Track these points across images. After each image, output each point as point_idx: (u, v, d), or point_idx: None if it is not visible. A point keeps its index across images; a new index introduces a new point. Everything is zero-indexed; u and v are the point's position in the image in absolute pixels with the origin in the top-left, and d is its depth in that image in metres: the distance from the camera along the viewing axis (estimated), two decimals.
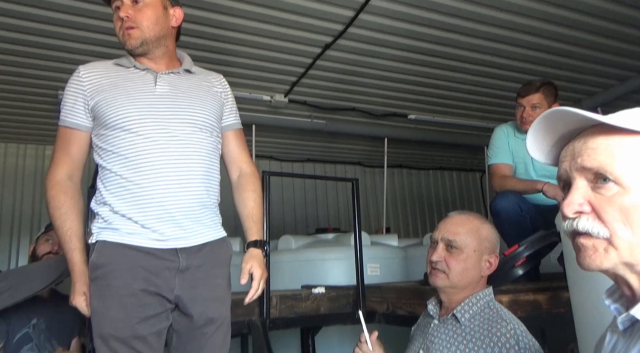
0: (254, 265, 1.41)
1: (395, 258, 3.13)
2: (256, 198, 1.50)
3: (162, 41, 1.39)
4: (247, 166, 1.54)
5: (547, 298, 1.73)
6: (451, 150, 5.40)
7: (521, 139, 2.34)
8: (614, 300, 0.70)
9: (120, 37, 1.37)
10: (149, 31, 1.35)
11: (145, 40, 1.35)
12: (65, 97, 1.38)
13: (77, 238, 1.31)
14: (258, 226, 1.48)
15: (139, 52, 1.37)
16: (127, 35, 1.34)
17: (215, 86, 1.50)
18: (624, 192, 0.63)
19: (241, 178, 1.53)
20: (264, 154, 5.03)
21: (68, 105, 1.36)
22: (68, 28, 2.72)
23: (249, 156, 1.57)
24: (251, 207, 1.49)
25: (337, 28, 2.89)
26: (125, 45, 1.36)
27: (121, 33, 1.36)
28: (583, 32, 3.10)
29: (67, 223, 1.30)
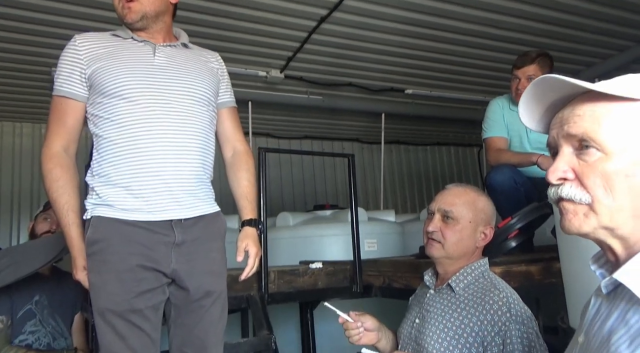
0: (249, 243, 1.44)
1: (392, 233, 3.16)
2: (250, 177, 1.52)
3: (160, 16, 1.39)
4: (240, 144, 1.55)
5: (540, 269, 1.76)
6: (449, 125, 5.38)
7: (516, 111, 2.30)
8: (600, 265, 0.72)
9: (119, 10, 1.36)
10: (149, 5, 1.35)
11: (145, 14, 1.35)
12: (60, 66, 1.36)
13: (74, 213, 1.31)
14: (252, 205, 1.50)
15: (138, 26, 1.37)
16: (127, 8, 1.33)
17: (212, 62, 1.51)
18: (606, 158, 0.63)
19: (235, 157, 1.54)
20: (261, 131, 5.02)
21: (64, 74, 1.34)
22: (61, 2, 2.68)
23: (242, 134, 1.58)
24: (245, 186, 1.51)
25: (332, 0, 2.84)
26: (125, 19, 1.35)
27: (120, 5, 1.35)
28: (581, 1, 3.05)
29: (64, 197, 1.31)
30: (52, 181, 1.31)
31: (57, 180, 1.31)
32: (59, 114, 1.35)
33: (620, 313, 0.64)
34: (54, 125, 1.35)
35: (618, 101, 0.63)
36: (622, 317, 0.63)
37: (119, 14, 1.36)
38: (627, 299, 0.63)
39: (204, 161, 1.39)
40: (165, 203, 1.30)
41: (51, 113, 1.36)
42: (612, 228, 0.65)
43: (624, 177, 0.62)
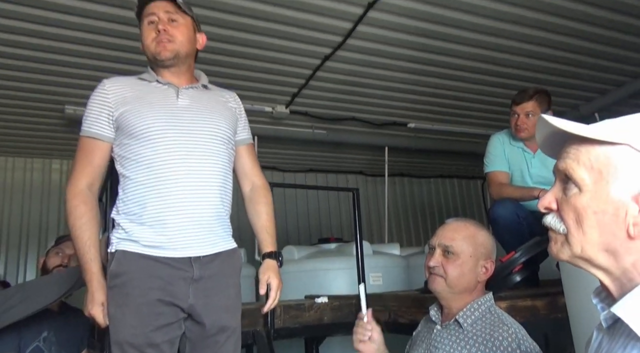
0: (271, 276, 1.48)
1: (397, 267, 3.16)
2: (269, 210, 1.57)
3: (188, 59, 1.49)
4: (259, 179, 1.61)
5: (545, 304, 1.76)
6: (452, 158, 5.43)
7: (516, 146, 2.39)
8: (601, 299, 0.74)
9: (152, 48, 1.43)
10: (182, 46, 1.44)
11: (178, 53, 1.44)
12: (89, 108, 1.43)
13: (95, 249, 1.35)
14: (273, 238, 1.55)
15: (169, 64, 1.45)
16: (162, 46, 1.41)
17: (230, 102, 1.58)
18: (580, 195, 0.68)
19: (254, 191, 1.59)
20: (267, 165, 5.08)
21: (92, 116, 1.42)
22: (73, 44, 2.80)
23: (260, 169, 1.64)
24: (265, 219, 1.56)
25: (336, 40, 2.96)
26: (159, 56, 1.43)
27: (153, 44, 1.43)
28: (578, 39, 3.15)
29: (86, 233, 1.35)
30: (77, 218, 1.35)
31: (81, 217, 1.35)
32: (85, 153, 1.41)
33: (620, 347, 0.66)
34: (80, 164, 1.41)
35: (597, 144, 0.68)
36: (621, 351, 0.65)
37: (151, 51, 1.44)
38: (627, 334, 0.65)
39: (222, 198, 1.44)
40: (187, 240, 1.35)
41: (78, 152, 1.43)
42: (586, 259, 0.69)
43: (592, 213, 0.67)
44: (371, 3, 2.60)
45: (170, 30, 1.42)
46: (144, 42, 1.45)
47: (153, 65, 1.48)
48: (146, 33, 1.44)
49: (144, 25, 1.45)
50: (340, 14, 2.71)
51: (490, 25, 2.91)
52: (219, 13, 2.61)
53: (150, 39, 1.43)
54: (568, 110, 4.19)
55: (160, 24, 1.42)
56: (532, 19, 2.88)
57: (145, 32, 1.44)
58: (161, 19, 1.42)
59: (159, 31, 1.41)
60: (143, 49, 1.47)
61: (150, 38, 1.43)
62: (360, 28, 2.83)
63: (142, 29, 1.45)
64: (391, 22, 2.82)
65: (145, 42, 1.44)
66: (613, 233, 0.66)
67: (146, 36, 1.44)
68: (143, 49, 1.47)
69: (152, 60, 1.46)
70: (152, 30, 1.43)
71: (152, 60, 1.46)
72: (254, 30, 2.80)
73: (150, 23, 1.43)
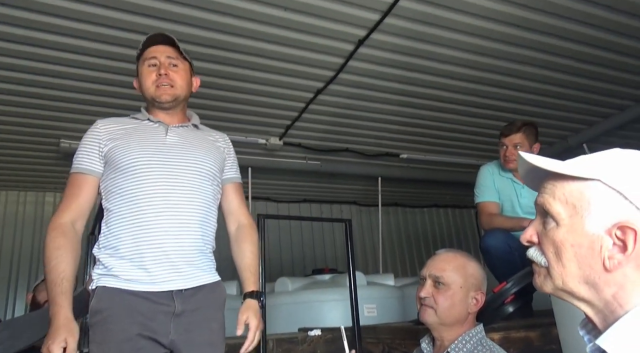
0: (250, 316, 1.44)
1: (392, 297, 3.13)
2: (253, 249, 1.56)
3: (185, 101, 1.55)
4: (245, 218, 1.61)
5: (538, 335, 1.75)
6: (444, 188, 5.48)
7: (506, 177, 2.43)
8: (587, 331, 0.75)
9: (151, 91, 1.47)
10: (181, 90, 1.49)
11: (177, 97, 1.49)
12: (80, 147, 1.45)
13: (68, 283, 1.31)
14: (255, 277, 1.53)
15: (167, 106, 1.49)
16: (163, 90, 1.46)
17: (219, 141, 1.62)
18: (557, 228, 0.71)
19: (239, 230, 1.59)
20: (261, 196, 5.10)
21: (83, 152, 1.44)
22: (69, 79, 2.86)
23: (247, 209, 1.65)
24: (249, 258, 1.54)
25: (328, 74, 3.04)
26: (158, 99, 1.47)
27: (154, 87, 1.47)
28: (565, 74, 3.25)
29: (61, 265, 1.31)
30: (53, 249, 1.33)
31: (58, 248, 1.33)
32: (73, 189, 1.42)
33: None
34: (67, 199, 1.41)
35: (571, 180, 0.71)
36: None
37: (150, 93, 1.48)
38: None
39: (203, 233, 1.44)
40: (167, 274, 1.34)
41: (67, 189, 1.43)
42: (568, 291, 0.71)
43: (569, 246, 0.69)
44: (361, 40, 2.69)
45: (171, 75, 1.47)
46: (143, 84, 1.48)
47: (149, 105, 1.52)
48: (146, 75, 1.48)
49: (144, 67, 1.48)
50: (332, 50, 2.80)
51: (478, 60, 3.01)
52: (215, 50, 2.68)
53: (150, 82, 1.47)
54: (557, 141, 4.28)
55: (162, 69, 1.46)
56: (519, 55, 2.99)
57: (146, 74, 1.48)
58: (162, 63, 1.47)
59: (160, 75, 1.45)
60: (140, 90, 1.51)
61: (151, 80, 1.47)
62: (352, 63, 2.92)
63: (142, 71, 1.49)
64: (381, 58, 2.91)
65: (145, 84, 1.48)
66: (590, 266, 0.68)
67: (146, 78, 1.47)
68: (141, 89, 1.51)
69: (150, 101, 1.50)
70: (152, 73, 1.47)
71: (150, 102, 1.50)
72: (249, 66, 2.88)
73: (152, 66, 1.47)
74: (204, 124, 1.63)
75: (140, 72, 1.49)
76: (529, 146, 2.32)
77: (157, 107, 1.50)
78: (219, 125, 3.47)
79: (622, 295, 0.66)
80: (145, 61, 1.48)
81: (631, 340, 0.63)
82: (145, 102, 1.55)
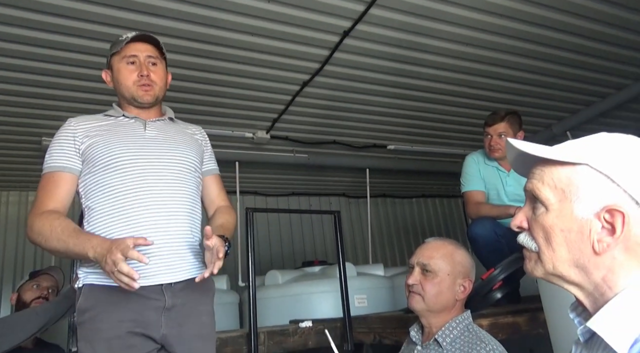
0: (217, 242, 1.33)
1: (382, 288, 3.16)
2: (229, 219, 1.55)
3: (162, 98, 1.54)
4: (223, 202, 1.62)
5: (526, 320, 1.78)
6: (432, 178, 5.51)
7: (491, 165, 2.45)
8: (578, 313, 0.77)
9: (132, 90, 1.46)
10: (160, 91, 1.50)
11: (157, 97, 1.49)
12: (53, 145, 1.42)
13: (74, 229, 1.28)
14: (227, 232, 1.47)
15: (147, 106, 1.49)
16: (145, 91, 1.46)
17: (196, 134, 1.62)
18: (546, 213, 0.72)
19: (216, 211, 1.60)
20: (249, 190, 5.08)
21: (57, 151, 1.40)
22: (50, 76, 2.80)
23: (226, 196, 1.65)
24: (224, 219, 1.53)
25: (314, 66, 3.02)
26: (140, 99, 1.46)
27: (135, 87, 1.45)
28: (548, 63, 3.28)
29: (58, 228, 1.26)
30: (53, 226, 1.26)
31: (55, 219, 1.28)
32: (49, 187, 1.37)
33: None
34: (45, 197, 1.35)
35: (559, 165, 0.72)
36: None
37: (131, 92, 1.46)
38: (603, 347, 0.67)
39: (191, 225, 1.44)
40: (157, 267, 1.33)
41: (41, 189, 1.37)
42: (558, 275, 0.72)
43: (559, 231, 0.70)
44: (347, 31, 2.68)
45: (152, 76, 1.46)
46: (122, 82, 1.46)
47: (125, 102, 1.50)
48: (126, 73, 1.45)
49: (122, 64, 1.46)
50: (317, 42, 2.78)
51: (463, 50, 3.02)
52: (198, 44, 2.65)
53: (131, 81, 1.45)
54: (542, 129, 4.33)
55: (144, 69, 1.45)
56: (502, 44, 3.00)
57: (125, 72, 1.45)
58: (142, 62, 1.45)
59: (142, 75, 1.44)
60: (116, 86, 1.49)
61: (132, 80, 1.45)
62: (337, 55, 2.91)
63: (120, 67, 1.46)
64: (367, 49, 2.91)
65: (124, 82, 1.46)
66: (580, 250, 0.69)
67: (126, 76, 1.45)
68: (116, 85, 1.48)
69: (128, 99, 1.48)
70: (133, 72, 1.45)
71: (128, 100, 1.48)
72: (233, 58, 2.85)
73: (131, 63, 1.45)
74: (190, 119, 1.63)
75: (118, 69, 1.47)
76: (513, 134, 2.35)
77: (137, 106, 1.48)
78: (204, 119, 3.45)
79: (611, 278, 0.68)
80: (125, 58, 1.46)
81: (620, 321, 0.65)
82: (118, 96, 1.53)
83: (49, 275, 2.29)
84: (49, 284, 2.23)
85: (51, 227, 1.28)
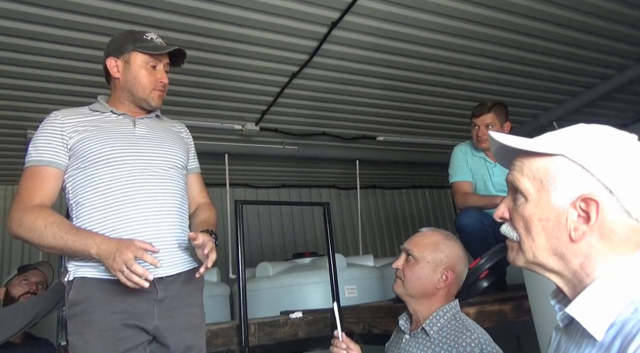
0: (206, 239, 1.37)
1: (372, 278, 3.19)
2: (211, 215, 1.58)
3: None
4: (204, 199, 1.66)
5: (512, 308, 1.82)
6: (421, 169, 5.55)
7: (478, 156, 2.48)
8: (558, 300, 0.79)
9: (147, 93, 1.48)
10: (164, 94, 1.55)
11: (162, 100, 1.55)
12: (39, 139, 1.39)
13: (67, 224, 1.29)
14: (211, 226, 1.51)
15: (152, 109, 1.54)
16: (160, 98, 1.51)
17: (182, 132, 1.65)
18: (526, 203, 0.74)
19: (198, 208, 1.62)
20: (239, 182, 5.07)
21: (44, 144, 1.38)
22: (36, 68, 2.76)
23: (207, 194, 1.69)
24: (206, 215, 1.56)
25: (303, 58, 3.01)
26: (152, 102, 1.50)
27: (150, 89, 1.48)
28: (534, 53, 3.31)
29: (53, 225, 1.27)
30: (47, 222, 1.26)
31: (48, 216, 1.28)
32: (36, 181, 1.34)
33: (576, 346, 0.71)
34: (29, 192, 1.33)
35: (537, 156, 0.74)
36: (577, 348, 0.70)
37: (146, 94, 1.48)
38: (581, 332, 0.70)
39: (181, 220, 1.46)
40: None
41: (25, 182, 1.35)
42: (538, 264, 0.74)
43: (537, 220, 0.73)
44: (335, 22, 2.67)
45: (166, 84, 1.53)
46: (141, 82, 1.47)
47: (128, 99, 1.49)
48: (148, 76, 1.48)
49: (144, 67, 1.47)
50: (305, 33, 2.77)
51: (450, 41, 3.03)
52: (186, 35, 2.63)
53: (149, 84, 1.48)
54: (529, 120, 4.37)
55: (165, 77, 1.51)
56: (491, 35, 3.02)
57: (147, 74, 1.48)
58: (160, 70, 1.50)
59: (162, 82, 1.50)
60: (129, 82, 1.47)
61: (150, 84, 1.48)
62: (326, 46, 2.90)
63: (141, 67, 1.47)
64: (355, 40, 2.90)
65: (144, 83, 1.47)
66: (557, 238, 0.71)
67: (148, 78, 1.47)
68: (131, 82, 1.47)
69: (138, 99, 1.49)
70: (153, 76, 1.48)
71: (138, 100, 1.49)
72: (221, 50, 2.83)
73: (153, 68, 1.49)
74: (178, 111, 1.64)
75: (138, 68, 1.47)
76: (500, 125, 2.37)
77: (142, 106, 1.50)
78: (193, 112, 3.43)
79: (589, 265, 0.70)
80: (150, 61, 1.48)
81: (596, 307, 0.67)
82: (113, 90, 1.52)
83: (38, 270, 2.28)
84: (37, 279, 2.22)
85: (45, 222, 1.27)
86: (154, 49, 1.47)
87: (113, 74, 1.49)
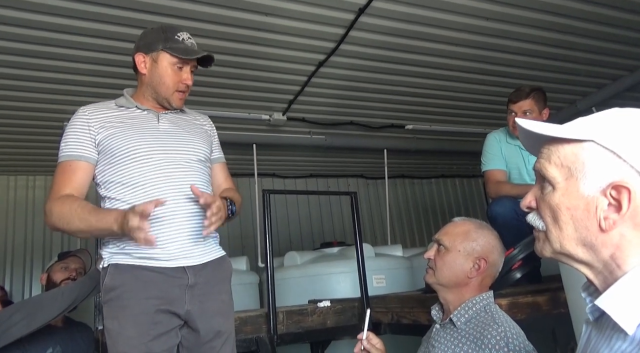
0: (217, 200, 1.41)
1: (400, 268, 3.16)
2: (234, 193, 1.60)
3: None
4: (229, 185, 1.69)
5: (547, 300, 1.76)
6: (452, 158, 5.44)
7: (513, 144, 2.39)
8: (589, 293, 0.75)
9: (170, 92, 1.51)
10: (186, 95, 1.58)
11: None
12: (69, 134, 1.45)
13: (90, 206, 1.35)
14: (232, 197, 1.55)
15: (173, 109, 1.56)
16: (180, 99, 1.53)
17: (205, 125, 1.67)
18: (553, 192, 0.70)
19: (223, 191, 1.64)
20: (267, 172, 5.10)
21: (73, 139, 1.44)
22: (71, 62, 2.83)
23: (232, 182, 1.71)
24: (231, 193, 1.59)
25: (329, 46, 2.98)
26: (174, 103, 1.52)
27: (173, 90, 1.50)
28: (572, 36, 3.16)
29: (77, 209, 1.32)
30: (72, 209, 1.33)
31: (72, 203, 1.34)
32: (66, 174, 1.41)
33: (606, 340, 0.67)
34: (62, 183, 1.40)
35: (566, 143, 0.70)
36: (607, 343, 0.66)
37: (169, 94, 1.50)
38: (612, 326, 0.66)
39: None
40: (179, 251, 1.39)
41: (56, 177, 1.42)
42: (566, 254, 0.71)
43: (565, 209, 0.69)
44: (362, 8, 2.62)
45: (190, 85, 1.55)
46: (166, 82, 1.49)
47: (152, 96, 1.52)
48: (174, 76, 1.50)
49: (171, 66, 1.49)
50: (332, 21, 2.73)
51: (483, 25, 2.93)
52: (212, 25, 2.64)
53: (174, 84, 1.50)
54: (566, 105, 4.20)
55: (189, 79, 1.52)
56: (525, 18, 2.90)
57: (173, 74, 1.49)
58: (186, 71, 1.52)
59: (186, 84, 1.52)
60: (155, 80, 1.50)
61: (175, 85, 1.50)
62: (353, 33, 2.85)
63: (167, 67, 1.49)
64: (383, 26, 2.84)
65: (168, 83, 1.49)
66: (586, 227, 0.68)
67: (173, 79, 1.50)
68: (157, 81, 1.50)
69: (161, 98, 1.52)
70: (178, 77, 1.50)
71: (161, 99, 1.52)
72: (247, 40, 2.83)
73: (179, 68, 1.50)
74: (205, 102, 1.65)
75: (165, 67, 1.49)
76: (539, 112, 2.28)
77: (164, 105, 1.53)
78: (220, 102, 3.46)
79: (620, 256, 0.66)
80: (176, 64, 1.49)
81: (628, 300, 0.63)
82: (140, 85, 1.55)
83: (77, 257, 2.37)
84: (77, 266, 2.31)
85: (70, 208, 1.34)
86: (184, 53, 1.48)
87: (140, 69, 1.52)
